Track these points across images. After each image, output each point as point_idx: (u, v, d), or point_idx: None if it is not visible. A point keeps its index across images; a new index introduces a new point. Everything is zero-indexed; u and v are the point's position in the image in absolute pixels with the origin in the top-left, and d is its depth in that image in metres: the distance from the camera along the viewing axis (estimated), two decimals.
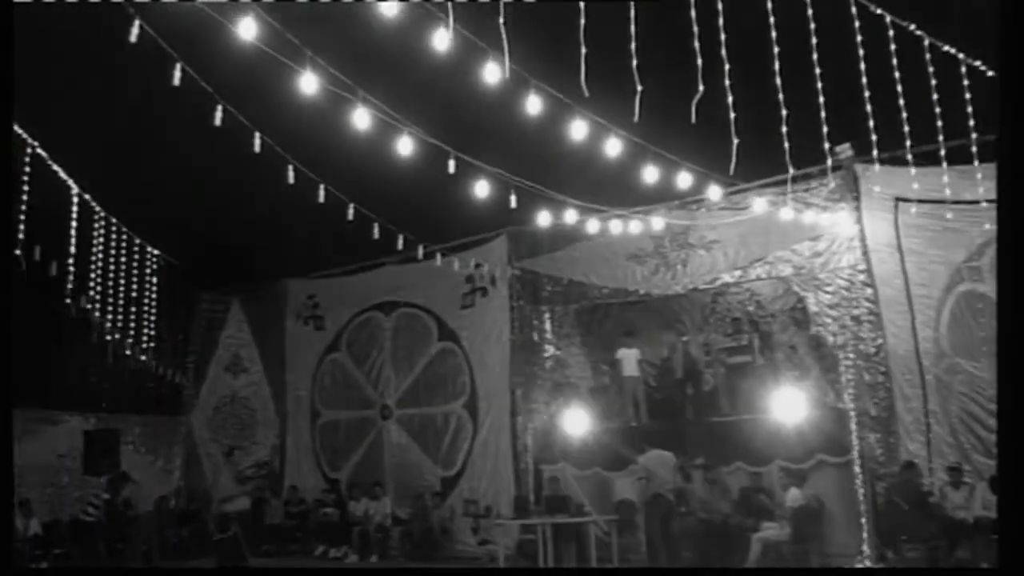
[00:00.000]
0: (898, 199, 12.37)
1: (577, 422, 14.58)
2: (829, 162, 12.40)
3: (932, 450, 12.14)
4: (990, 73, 9.35)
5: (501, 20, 6.69)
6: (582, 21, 7.03)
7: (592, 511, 14.05)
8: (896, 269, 12.43)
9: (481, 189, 9.93)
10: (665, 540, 11.76)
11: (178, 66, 7.26)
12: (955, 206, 11.61)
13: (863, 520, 12.04)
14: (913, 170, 11.56)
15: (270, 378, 18.38)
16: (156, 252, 15.14)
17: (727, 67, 7.73)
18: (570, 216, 11.95)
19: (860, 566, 11.76)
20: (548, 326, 15.29)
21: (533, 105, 7.82)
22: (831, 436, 12.60)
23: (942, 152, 10.34)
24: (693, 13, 7.41)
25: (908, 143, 9.79)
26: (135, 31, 6.75)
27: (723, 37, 7.57)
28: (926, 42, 8.95)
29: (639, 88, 7.49)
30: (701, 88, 7.51)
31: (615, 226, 12.70)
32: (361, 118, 8.03)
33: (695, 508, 12.64)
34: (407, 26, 7.08)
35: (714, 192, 11.52)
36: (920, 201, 12.19)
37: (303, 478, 17.60)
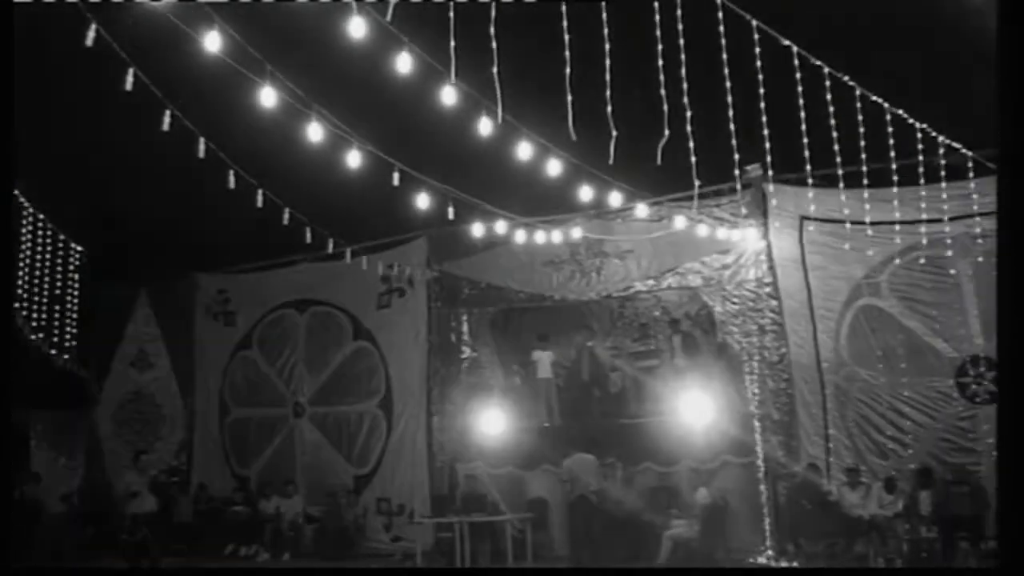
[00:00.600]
0: (803, 217, 13.10)
1: (492, 422, 14.94)
2: (739, 181, 13.24)
3: (831, 452, 13.00)
4: (885, 104, 10.12)
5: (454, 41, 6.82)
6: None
7: (506, 509, 14.47)
8: (800, 283, 13.19)
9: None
10: (588, 540, 12.22)
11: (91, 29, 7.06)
12: (855, 226, 12.38)
13: (766, 517, 12.81)
14: (811, 192, 12.41)
15: (178, 374, 18.01)
16: (62, 239, 14.65)
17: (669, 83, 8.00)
18: (496, 226, 12.29)
19: (763, 560, 12.53)
20: (465, 328, 15.58)
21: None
22: (736, 438, 13.34)
23: (842, 173, 11.01)
24: (607, 43, 7.71)
25: (808, 167, 10.51)
26: None
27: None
28: (826, 70, 9.51)
29: (570, 111, 7.79)
30: (611, 109, 7.79)
31: (535, 234, 13.08)
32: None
33: (609, 507, 13.19)
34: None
35: (641, 210, 12.10)
36: (822, 220, 12.96)
37: (211, 476, 17.38)
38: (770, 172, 12.60)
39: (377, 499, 15.86)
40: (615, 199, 11.12)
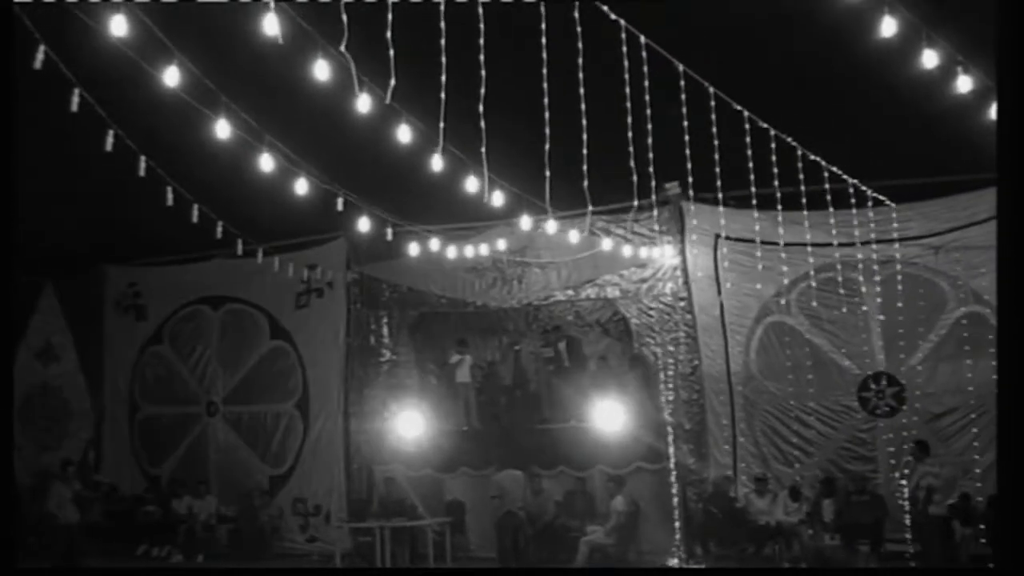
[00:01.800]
0: (718, 236, 13.52)
1: (410, 425, 15.03)
2: (655, 198, 13.53)
3: (738, 459, 13.58)
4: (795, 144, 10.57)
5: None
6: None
7: (424, 511, 14.67)
8: (713, 298, 13.66)
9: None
10: (516, 555, 12.50)
11: None
12: (766, 246, 12.84)
13: (676, 521, 13.33)
14: (727, 211, 12.79)
15: (85, 369, 17.53)
16: None
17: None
18: (417, 238, 12.38)
19: (674, 562, 13.06)
20: (385, 331, 15.57)
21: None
22: (649, 445, 13.79)
23: (753, 199, 11.39)
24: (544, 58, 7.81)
25: (719, 187, 10.90)
26: None
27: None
28: (746, 114, 9.84)
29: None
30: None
31: (459, 244, 13.22)
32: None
33: (532, 512, 13.53)
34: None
35: (551, 225, 12.24)
36: (736, 239, 13.39)
37: (120, 474, 17.05)
38: (691, 192, 13.01)
39: (294, 499, 15.82)
40: (531, 215, 11.27)
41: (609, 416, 13.56)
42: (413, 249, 12.74)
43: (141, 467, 17.10)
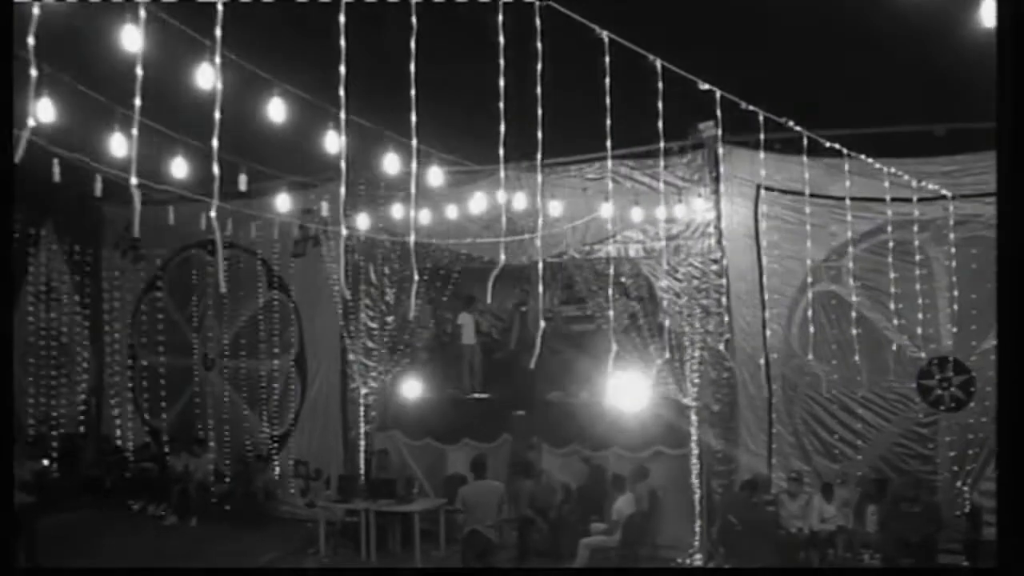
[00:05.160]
0: (759, 186, 11.41)
1: (412, 388, 13.68)
2: (690, 139, 11.53)
3: (774, 452, 11.74)
4: None
5: None
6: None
7: (425, 485, 13.34)
8: (751, 262, 11.65)
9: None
10: None
11: None
12: (815, 200, 10.70)
13: (697, 519, 11.68)
14: (771, 157, 10.66)
15: (86, 314, 16.56)
16: None
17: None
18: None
19: (696, 560, 11.48)
20: (387, 285, 13.98)
21: None
22: (670, 427, 12.08)
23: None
24: None
25: (764, 129, 8.81)
26: None
27: None
28: None
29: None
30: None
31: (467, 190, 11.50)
32: None
33: (522, 505, 12.00)
34: None
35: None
36: (783, 191, 11.29)
37: (123, 425, 16.23)
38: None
39: (295, 461, 14.70)
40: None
41: (627, 392, 11.83)
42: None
43: (143, 419, 16.20)
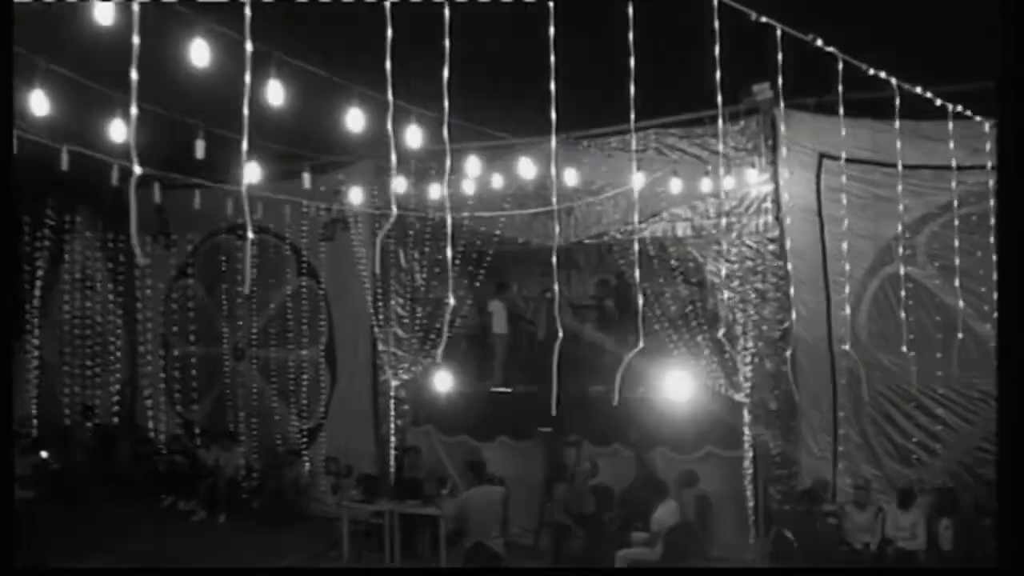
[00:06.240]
0: (823, 155, 10.13)
1: (445, 381, 12.71)
2: (743, 104, 10.37)
3: (840, 455, 10.46)
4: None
5: None
6: None
7: (459, 483, 12.38)
8: (813, 240, 10.41)
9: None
10: None
11: None
12: (893, 170, 9.34)
13: (751, 529, 10.52)
14: (836, 122, 9.27)
15: (120, 301, 16.09)
16: None
17: None
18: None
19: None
20: (416, 271, 13.05)
21: None
22: (723, 427, 10.91)
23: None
24: None
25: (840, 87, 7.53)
26: None
27: None
28: None
29: None
30: None
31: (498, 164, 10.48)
32: None
33: (556, 509, 10.98)
34: None
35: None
36: (851, 160, 9.92)
37: (156, 417, 15.73)
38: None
39: (326, 458, 13.92)
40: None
41: (674, 387, 10.66)
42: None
43: (176, 411, 15.68)
